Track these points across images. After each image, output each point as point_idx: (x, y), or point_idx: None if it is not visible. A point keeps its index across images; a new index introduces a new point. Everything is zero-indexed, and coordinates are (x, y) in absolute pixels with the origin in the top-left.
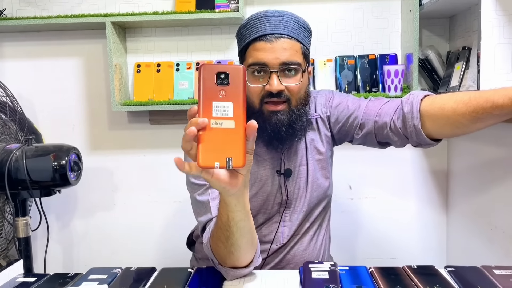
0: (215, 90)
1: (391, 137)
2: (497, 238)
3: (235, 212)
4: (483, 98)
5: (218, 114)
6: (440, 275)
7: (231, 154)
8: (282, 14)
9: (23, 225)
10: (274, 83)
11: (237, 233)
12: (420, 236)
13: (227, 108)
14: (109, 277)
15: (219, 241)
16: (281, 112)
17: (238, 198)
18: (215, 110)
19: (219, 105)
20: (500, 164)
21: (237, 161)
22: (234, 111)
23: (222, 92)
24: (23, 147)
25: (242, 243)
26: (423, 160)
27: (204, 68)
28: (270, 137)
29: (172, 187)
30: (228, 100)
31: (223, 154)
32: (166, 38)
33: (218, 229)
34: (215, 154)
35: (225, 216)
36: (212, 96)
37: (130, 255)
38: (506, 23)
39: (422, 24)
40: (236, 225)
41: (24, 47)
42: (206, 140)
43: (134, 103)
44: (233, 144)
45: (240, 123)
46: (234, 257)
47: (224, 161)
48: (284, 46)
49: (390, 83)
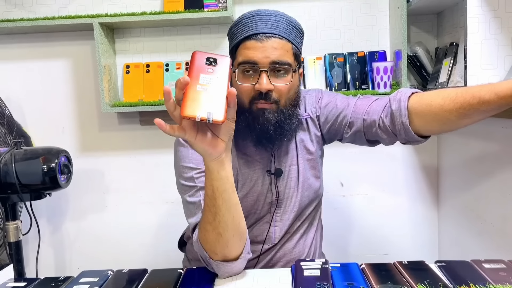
0: (204, 67)
1: (380, 135)
2: (487, 231)
3: (219, 180)
4: (470, 94)
5: (204, 82)
6: (431, 270)
7: (212, 109)
8: (274, 13)
9: (14, 229)
10: (263, 82)
11: (223, 206)
12: (412, 231)
13: (212, 80)
14: (100, 279)
15: (207, 224)
16: (268, 110)
17: (221, 164)
18: (202, 79)
19: (206, 76)
20: (489, 159)
21: (218, 116)
22: (218, 82)
23: (209, 69)
24: (12, 151)
25: (229, 219)
26: (413, 157)
27: (196, 52)
28: (259, 136)
29: (163, 188)
30: (214, 75)
31: (205, 108)
32: (155, 38)
33: (206, 208)
34: (198, 107)
35: (210, 188)
36: (200, 70)
37: (123, 256)
38: (492, 18)
39: (410, 20)
40: (221, 196)
41: (12, 49)
42: (191, 96)
43: (124, 104)
44: (215, 102)
45: (223, 90)
46: (223, 241)
47: (205, 114)
48: (275, 46)
49: (379, 80)
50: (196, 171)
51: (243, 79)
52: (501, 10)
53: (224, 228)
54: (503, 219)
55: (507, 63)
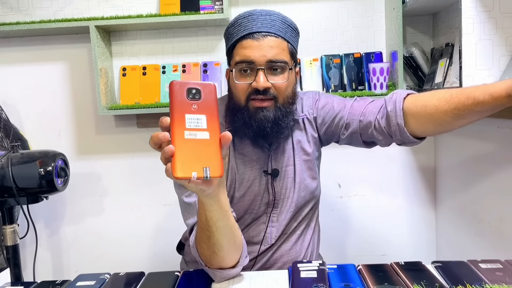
0: (187, 103)
1: (376, 136)
2: (484, 231)
3: (212, 211)
4: (464, 95)
5: (192, 125)
6: (427, 270)
7: (208, 164)
8: (269, 13)
9: (11, 233)
10: (260, 80)
11: (217, 232)
12: (410, 232)
13: (201, 120)
14: (97, 283)
15: (202, 242)
16: (266, 109)
17: (214, 198)
18: (189, 122)
19: (193, 117)
20: (486, 159)
21: (215, 171)
22: (208, 123)
23: (194, 106)
24: (8, 154)
25: (224, 242)
26: (410, 157)
27: (175, 83)
28: (256, 134)
29: (161, 191)
30: (201, 113)
31: (200, 164)
32: (151, 41)
33: (199, 229)
34: (192, 164)
35: (203, 216)
36: (184, 109)
37: (121, 259)
38: (487, 19)
39: (406, 21)
40: (215, 224)
41: (8, 53)
42: (181, 151)
43: (121, 107)
44: (210, 154)
45: (215, 134)
46: (218, 258)
47: (201, 171)
48: (271, 44)
49: (375, 81)
50: None
51: (240, 78)
52: (496, 11)
53: (219, 248)
54: (500, 219)
55: (502, 64)
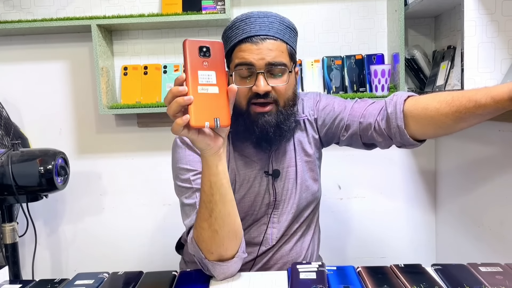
0: (199, 61)
1: (376, 138)
2: (484, 235)
3: (216, 175)
4: (466, 98)
5: (204, 81)
6: (427, 273)
7: (218, 115)
8: (267, 15)
9: (10, 231)
10: (261, 84)
11: (220, 202)
12: (410, 234)
13: (211, 76)
14: (96, 282)
15: (203, 221)
16: (268, 113)
17: (219, 158)
18: (201, 78)
19: (204, 73)
20: (486, 162)
21: (224, 121)
22: (217, 79)
23: (205, 63)
24: (8, 152)
25: (225, 215)
26: (411, 160)
27: (188, 42)
28: (259, 139)
29: (161, 190)
30: (211, 69)
31: (212, 115)
32: (153, 41)
33: (202, 205)
34: (205, 115)
35: (207, 183)
36: (197, 66)
37: (120, 259)
38: (489, 22)
39: (408, 24)
40: (218, 191)
41: (9, 51)
42: (196, 103)
43: (122, 106)
44: (219, 107)
45: (223, 88)
46: (219, 238)
47: (213, 121)
48: (270, 47)
49: (377, 83)
50: (192, 173)
51: (240, 82)
52: (498, 14)
53: (220, 224)
54: (500, 223)
55: (504, 67)
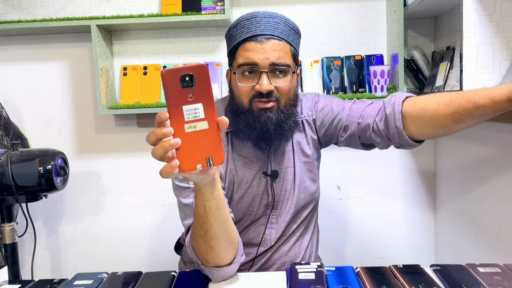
0: (182, 94)
1: (374, 139)
2: (483, 235)
3: (211, 200)
4: (464, 99)
5: (191, 117)
6: (426, 274)
7: (210, 154)
8: (272, 15)
9: (9, 231)
10: (264, 83)
11: (215, 223)
12: (409, 235)
13: (199, 110)
14: (95, 282)
15: (199, 237)
16: (270, 110)
17: (213, 185)
18: (187, 115)
19: (190, 108)
20: (485, 163)
21: (217, 159)
22: (205, 111)
23: (190, 94)
24: (8, 152)
25: (221, 234)
26: (410, 160)
27: (167, 73)
28: (259, 136)
29: (160, 190)
30: (197, 101)
31: (203, 155)
32: (152, 41)
33: (197, 224)
34: (195, 157)
35: (202, 207)
36: (181, 101)
37: (119, 259)
38: (488, 23)
39: (407, 24)
40: (213, 214)
41: (9, 51)
42: (185, 146)
43: (121, 107)
44: (211, 144)
45: (213, 121)
46: (215, 253)
47: (205, 162)
48: (274, 47)
49: (376, 84)
50: None
51: (243, 80)
52: (497, 15)
53: (216, 242)
54: (499, 224)
55: (503, 67)
